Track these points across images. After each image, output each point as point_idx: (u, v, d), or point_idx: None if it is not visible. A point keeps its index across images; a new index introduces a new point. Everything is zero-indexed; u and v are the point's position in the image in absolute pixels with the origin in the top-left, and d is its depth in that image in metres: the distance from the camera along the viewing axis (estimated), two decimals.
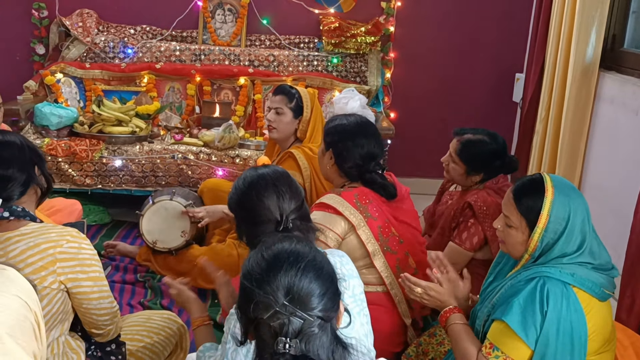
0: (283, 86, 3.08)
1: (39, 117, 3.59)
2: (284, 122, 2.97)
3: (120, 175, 3.62)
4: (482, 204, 2.74)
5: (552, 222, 1.74)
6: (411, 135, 4.58)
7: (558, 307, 1.67)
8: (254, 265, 1.27)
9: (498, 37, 4.57)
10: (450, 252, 2.80)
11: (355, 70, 4.37)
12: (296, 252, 1.28)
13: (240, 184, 1.76)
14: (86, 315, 1.87)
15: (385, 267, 2.36)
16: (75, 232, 1.81)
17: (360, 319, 1.72)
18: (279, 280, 1.22)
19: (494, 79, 4.64)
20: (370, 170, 2.40)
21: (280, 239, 1.34)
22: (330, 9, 4.44)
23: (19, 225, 1.75)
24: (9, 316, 1.12)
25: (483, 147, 2.79)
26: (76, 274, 1.76)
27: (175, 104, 4.22)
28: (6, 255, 1.70)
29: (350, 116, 2.54)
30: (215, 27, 4.42)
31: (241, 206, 1.75)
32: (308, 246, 1.32)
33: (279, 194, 1.70)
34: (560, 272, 1.72)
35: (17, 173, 1.77)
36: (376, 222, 2.34)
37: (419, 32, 4.56)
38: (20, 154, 1.81)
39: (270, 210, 1.68)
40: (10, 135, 1.86)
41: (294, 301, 1.20)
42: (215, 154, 3.63)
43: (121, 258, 3.25)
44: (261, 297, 1.20)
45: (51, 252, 1.72)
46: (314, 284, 1.24)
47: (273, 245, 1.31)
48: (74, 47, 4.22)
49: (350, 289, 1.72)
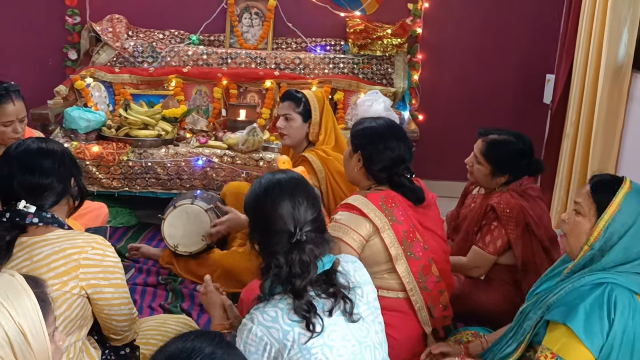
0: (289, 92, 3.08)
1: (68, 120, 3.67)
2: (293, 127, 2.97)
3: (146, 178, 3.67)
4: (505, 206, 2.69)
5: (622, 212, 1.68)
6: (439, 138, 4.53)
7: (625, 316, 1.61)
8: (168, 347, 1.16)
9: (528, 37, 4.47)
10: (473, 256, 2.76)
11: (382, 73, 4.33)
12: (189, 350, 1.15)
13: (257, 187, 1.72)
14: (106, 321, 1.89)
15: (408, 273, 2.32)
16: (100, 240, 1.83)
17: (374, 326, 1.70)
18: None
19: (524, 81, 4.54)
20: (399, 174, 2.37)
21: (179, 338, 1.21)
22: (354, 11, 4.41)
23: (46, 231, 1.78)
24: None
25: (509, 146, 2.75)
26: (98, 280, 1.78)
27: (202, 107, 4.25)
28: (31, 259, 1.73)
29: (379, 119, 2.51)
30: (242, 30, 4.44)
31: (255, 211, 1.71)
32: (208, 339, 1.19)
33: (295, 204, 1.65)
34: (627, 280, 1.65)
35: (55, 183, 1.80)
36: (401, 226, 2.31)
37: (447, 33, 4.50)
38: (61, 164, 1.83)
39: (284, 220, 1.63)
40: (54, 143, 1.88)
41: None
42: (239, 156, 3.65)
43: (144, 260, 3.28)
44: None
45: (76, 257, 1.75)
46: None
47: (166, 345, 1.19)
48: (104, 52, 4.29)
49: (364, 296, 1.70)
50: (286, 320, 1.56)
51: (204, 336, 1.18)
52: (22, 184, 1.76)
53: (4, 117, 2.64)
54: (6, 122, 2.65)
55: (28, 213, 1.74)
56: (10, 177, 1.77)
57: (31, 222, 1.75)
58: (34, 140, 1.87)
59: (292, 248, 1.60)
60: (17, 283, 1.27)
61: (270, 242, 1.64)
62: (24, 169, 1.77)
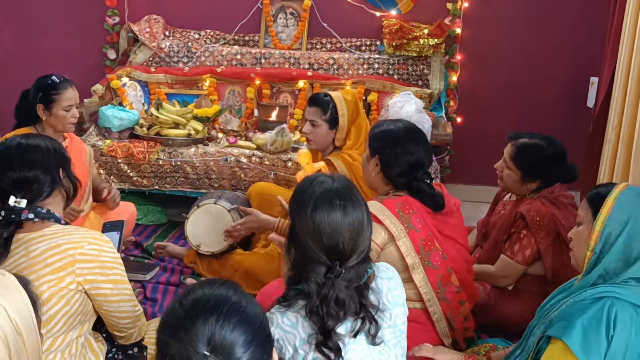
0: (317, 96, 2.98)
1: (102, 119, 3.73)
2: (319, 134, 2.91)
3: (175, 177, 3.69)
4: (535, 214, 2.58)
5: (616, 210, 1.61)
6: (478, 140, 4.42)
7: (626, 332, 1.51)
8: (170, 315, 1.15)
9: (574, 38, 4.30)
10: (501, 265, 2.66)
11: (417, 73, 4.24)
12: (217, 297, 1.16)
13: (308, 194, 1.55)
14: (107, 317, 1.89)
15: (425, 283, 2.24)
16: (97, 235, 1.84)
17: (395, 351, 1.62)
18: (197, 328, 1.10)
19: (567, 83, 4.37)
20: (418, 179, 2.29)
21: (200, 283, 1.21)
22: (389, 11, 4.34)
23: (42, 226, 1.80)
24: None
25: (540, 151, 2.64)
26: (95, 275, 1.78)
27: (235, 107, 4.26)
28: (27, 255, 1.75)
29: (398, 122, 2.42)
30: (277, 30, 4.43)
31: (297, 223, 1.56)
32: (232, 288, 1.19)
33: (343, 240, 1.51)
34: (631, 294, 1.55)
35: (41, 175, 1.82)
36: (418, 234, 2.22)
37: (488, 34, 4.37)
38: (45, 156, 1.86)
39: (326, 251, 1.51)
40: (36, 138, 1.91)
41: (217, 351, 1.08)
42: (267, 157, 3.63)
43: (169, 259, 3.30)
44: (179, 349, 1.09)
45: (71, 252, 1.75)
46: (238, 330, 1.12)
47: (192, 290, 1.19)
48: (141, 51, 4.35)
49: (392, 319, 1.61)
50: (306, 329, 1.51)
51: (227, 284, 1.20)
52: (7, 180, 1.78)
53: (66, 102, 2.83)
54: (67, 106, 2.84)
55: (22, 209, 1.76)
56: None
57: (27, 218, 1.76)
58: (15, 137, 1.90)
59: (328, 282, 1.49)
60: (8, 281, 1.27)
61: (306, 267, 1.52)
62: (5, 165, 1.80)
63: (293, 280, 1.57)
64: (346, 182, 1.63)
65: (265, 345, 1.16)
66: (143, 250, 3.40)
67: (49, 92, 2.81)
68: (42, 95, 2.81)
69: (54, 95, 2.81)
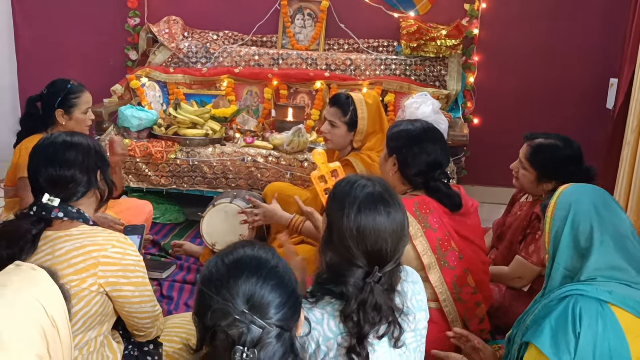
0: (338, 97, 2.97)
1: (121, 119, 3.78)
2: (337, 135, 2.91)
3: (193, 176, 3.73)
4: None
5: (558, 208, 1.69)
6: (495, 141, 4.39)
7: (593, 327, 1.51)
8: (213, 270, 1.22)
9: (592, 38, 4.27)
10: (516, 265, 2.65)
11: (435, 74, 4.23)
12: (258, 259, 1.23)
13: (351, 196, 1.55)
14: (128, 318, 1.90)
15: (441, 283, 2.24)
16: (122, 238, 1.84)
17: (414, 355, 1.63)
18: (239, 287, 1.18)
19: (587, 85, 4.33)
20: (435, 179, 2.29)
21: (242, 243, 1.29)
22: (407, 12, 4.34)
23: (70, 226, 1.81)
24: (16, 314, 1.17)
25: (555, 151, 2.62)
26: (117, 278, 1.79)
27: (252, 107, 4.29)
28: (53, 253, 1.76)
29: (416, 121, 2.44)
30: (295, 31, 4.45)
31: (336, 222, 1.55)
32: (270, 252, 1.27)
33: (386, 246, 1.52)
34: (596, 290, 1.56)
35: (79, 175, 1.82)
36: (435, 233, 2.22)
37: (506, 35, 4.35)
38: (84, 157, 1.85)
39: (364, 258, 1.51)
40: (80, 137, 1.91)
41: (254, 309, 1.16)
42: (284, 157, 3.65)
43: (186, 258, 3.33)
44: (219, 304, 1.16)
45: (95, 254, 1.76)
46: (275, 293, 1.19)
47: (233, 250, 1.26)
48: (160, 52, 4.40)
49: (414, 323, 1.61)
50: (330, 326, 1.51)
51: (266, 248, 1.29)
52: (45, 176, 1.79)
53: (84, 105, 2.89)
54: (85, 109, 2.90)
55: (53, 207, 1.77)
56: (36, 170, 1.81)
57: (56, 217, 1.77)
58: (60, 133, 1.91)
59: (367, 286, 1.49)
60: (40, 276, 1.28)
61: (343, 271, 1.51)
62: (47, 161, 1.80)
63: (325, 280, 1.56)
64: (386, 185, 1.62)
65: (295, 307, 1.23)
66: (160, 249, 3.44)
67: (69, 96, 2.84)
68: (61, 99, 2.83)
69: (74, 99, 2.85)
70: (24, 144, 2.84)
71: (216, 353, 1.16)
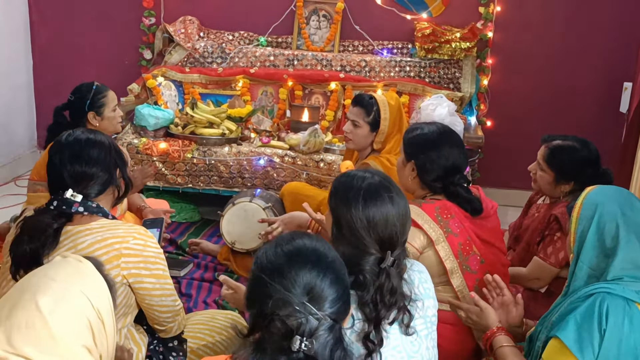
0: (362, 97, 2.98)
1: (138, 117, 3.81)
2: (359, 135, 2.90)
3: (209, 176, 3.76)
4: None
5: (584, 209, 1.72)
6: (508, 144, 4.42)
7: (619, 325, 1.53)
8: (273, 258, 1.24)
9: (606, 42, 4.28)
10: (534, 267, 2.66)
11: (449, 77, 4.25)
12: (318, 251, 1.26)
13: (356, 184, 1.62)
14: (149, 310, 1.93)
15: (464, 287, 2.23)
16: (142, 230, 1.88)
17: (426, 342, 1.66)
18: (300, 277, 1.20)
19: (600, 88, 4.35)
20: (455, 183, 2.28)
21: (300, 234, 1.30)
22: (420, 14, 4.36)
23: (90, 220, 1.84)
24: (64, 308, 1.20)
25: (573, 153, 2.64)
26: (139, 270, 1.82)
27: (267, 107, 4.31)
28: (75, 247, 1.79)
29: (432, 125, 2.41)
30: (310, 32, 4.47)
31: (344, 216, 1.61)
32: (327, 246, 1.29)
33: (397, 230, 1.59)
34: (623, 289, 1.58)
35: (101, 172, 1.86)
36: (457, 238, 2.22)
37: (520, 38, 4.37)
38: (106, 155, 1.90)
39: (377, 246, 1.57)
40: (101, 135, 1.96)
41: (313, 301, 1.18)
42: (300, 157, 3.67)
43: (203, 256, 3.36)
44: (281, 294, 1.18)
45: (117, 247, 1.79)
46: (333, 287, 1.22)
47: (293, 239, 1.28)
48: (176, 52, 4.43)
49: (424, 309, 1.65)
50: None
51: (323, 241, 1.31)
52: (70, 172, 1.83)
53: (112, 102, 2.94)
54: (113, 107, 2.95)
55: (74, 202, 1.80)
56: (60, 166, 1.84)
57: (77, 211, 1.81)
58: (83, 131, 1.95)
59: (383, 272, 1.55)
60: (86, 268, 1.31)
61: (359, 260, 1.56)
62: (72, 157, 1.84)
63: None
64: (383, 174, 1.71)
65: (348, 303, 1.27)
66: (177, 247, 3.47)
67: (96, 97, 2.88)
68: (90, 102, 2.87)
69: (101, 99, 2.89)
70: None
71: (270, 339, 1.18)
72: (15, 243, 1.78)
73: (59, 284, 1.22)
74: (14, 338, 1.15)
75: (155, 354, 2.01)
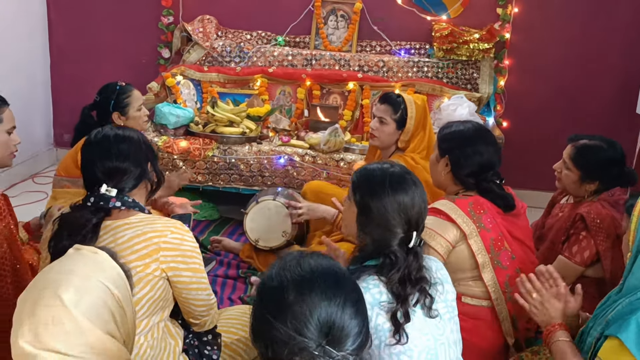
0: (390, 95, 3.01)
1: (158, 116, 3.82)
2: (386, 132, 2.94)
3: (229, 174, 3.77)
4: (595, 216, 2.59)
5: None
6: (523, 146, 4.43)
7: None
8: (279, 291, 1.05)
9: (622, 44, 4.30)
10: (559, 266, 2.66)
11: (467, 77, 4.27)
12: (334, 275, 1.07)
13: (377, 172, 1.73)
14: (185, 304, 1.96)
15: (494, 282, 2.26)
16: (179, 225, 1.91)
17: (450, 325, 1.70)
18: (316, 314, 1.01)
19: (616, 89, 4.36)
20: (488, 179, 2.32)
21: (304, 255, 1.14)
22: (439, 15, 4.38)
23: (128, 214, 1.87)
24: (87, 300, 1.22)
25: (600, 152, 2.66)
26: (177, 263, 1.85)
27: (285, 107, 4.33)
28: (115, 241, 1.82)
29: (468, 122, 2.46)
30: (328, 32, 4.49)
31: (371, 197, 1.70)
32: (338, 264, 1.15)
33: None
34: None
35: (132, 167, 1.89)
36: (489, 233, 2.25)
37: (537, 39, 4.38)
38: (137, 149, 1.93)
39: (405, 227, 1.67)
40: (130, 130, 1.99)
41: (333, 342, 1.01)
42: (320, 156, 3.69)
43: (225, 253, 3.37)
44: (294, 340, 1.00)
45: (156, 240, 1.82)
46: (355, 319, 1.05)
47: (299, 262, 1.10)
48: (194, 51, 4.44)
49: (444, 293, 1.71)
50: (374, 295, 1.58)
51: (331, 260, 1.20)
52: (102, 168, 1.85)
53: (136, 102, 2.95)
54: (138, 106, 2.96)
55: (111, 197, 1.83)
56: (92, 162, 1.87)
57: (114, 206, 1.83)
58: (112, 127, 1.98)
59: (411, 251, 1.65)
60: (102, 258, 1.33)
61: (388, 243, 1.65)
62: (102, 153, 1.87)
63: (363, 257, 1.69)
64: (398, 163, 1.83)
65: (368, 332, 1.10)
66: (199, 245, 3.47)
67: (121, 97, 2.91)
68: (115, 102, 2.90)
69: (125, 99, 2.91)
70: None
71: None
72: (54, 239, 1.81)
73: (79, 277, 1.25)
74: (42, 334, 1.17)
75: (191, 348, 2.03)
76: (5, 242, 2.06)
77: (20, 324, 1.19)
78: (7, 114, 2.23)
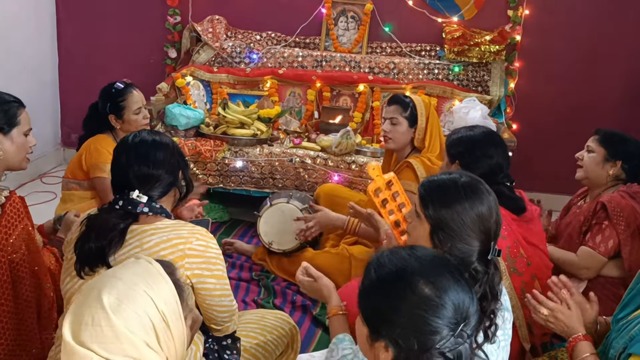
0: (397, 96, 3.05)
1: (169, 117, 3.80)
2: (399, 132, 2.94)
3: (240, 176, 3.76)
4: (616, 205, 2.60)
5: None
6: (533, 149, 4.42)
7: None
8: (425, 288, 1.12)
9: (632, 46, 4.30)
10: (582, 256, 2.65)
11: (477, 80, 4.26)
12: (446, 261, 1.17)
13: (458, 196, 1.59)
14: (208, 310, 1.93)
15: (510, 289, 2.24)
16: (204, 232, 1.88)
17: (502, 354, 1.64)
18: (450, 300, 1.11)
19: (626, 92, 4.35)
20: (498, 182, 2.29)
21: (406, 248, 1.21)
22: (452, 17, 4.36)
23: (155, 220, 1.84)
24: (128, 307, 1.20)
25: (626, 138, 2.76)
26: (202, 270, 1.82)
27: (295, 108, 4.31)
28: (141, 246, 1.79)
29: (475, 127, 2.46)
30: (338, 34, 4.48)
31: (451, 222, 1.58)
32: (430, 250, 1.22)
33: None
34: None
35: (165, 175, 1.86)
36: (505, 241, 2.23)
37: (548, 42, 4.37)
38: (171, 157, 1.90)
39: (483, 237, 1.58)
40: (165, 137, 1.95)
41: (466, 323, 1.10)
42: (331, 159, 3.67)
43: (237, 256, 3.36)
44: (441, 328, 1.08)
45: (181, 247, 1.79)
46: (473, 299, 1.14)
47: (412, 252, 1.17)
48: (204, 51, 4.43)
49: (504, 322, 1.64)
50: None
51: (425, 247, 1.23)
52: (136, 173, 1.82)
53: (134, 105, 2.90)
54: (136, 110, 2.91)
55: (140, 202, 1.80)
56: (126, 166, 1.84)
57: (142, 212, 1.81)
58: (148, 132, 1.95)
59: (491, 263, 1.57)
60: (154, 270, 1.31)
61: (466, 255, 1.56)
62: (139, 158, 1.84)
63: None
64: (465, 172, 1.71)
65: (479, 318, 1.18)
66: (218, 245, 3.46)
67: (116, 100, 2.88)
68: (110, 105, 2.88)
69: (121, 102, 2.88)
70: (92, 144, 2.87)
71: None
72: (81, 240, 1.79)
73: (124, 284, 1.23)
74: (81, 334, 1.17)
75: (211, 352, 2.01)
76: (24, 244, 2.04)
77: (67, 314, 1.21)
78: (23, 116, 2.21)
